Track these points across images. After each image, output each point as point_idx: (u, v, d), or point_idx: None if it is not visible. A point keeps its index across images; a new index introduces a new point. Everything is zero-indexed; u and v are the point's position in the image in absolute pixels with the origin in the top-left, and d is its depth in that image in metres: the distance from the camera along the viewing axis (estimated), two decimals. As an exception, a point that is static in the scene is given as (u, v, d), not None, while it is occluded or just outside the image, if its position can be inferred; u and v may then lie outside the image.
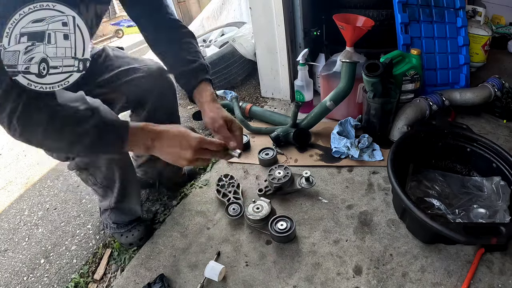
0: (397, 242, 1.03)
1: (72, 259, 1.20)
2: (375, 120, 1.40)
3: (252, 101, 2.05)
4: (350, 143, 1.38)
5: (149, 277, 1.02)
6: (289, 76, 1.84)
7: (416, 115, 1.43)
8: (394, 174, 0.99)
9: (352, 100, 1.53)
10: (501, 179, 1.05)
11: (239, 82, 2.31)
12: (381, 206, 1.16)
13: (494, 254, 0.95)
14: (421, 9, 1.62)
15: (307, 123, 1.49)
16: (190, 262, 1.05)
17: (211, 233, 1.14)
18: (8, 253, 1.28)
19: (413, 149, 1.18)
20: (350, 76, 1.37)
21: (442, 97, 1.50)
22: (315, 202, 1.21)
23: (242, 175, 1.38)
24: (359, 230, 1.09)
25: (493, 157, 1.10)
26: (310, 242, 1.07)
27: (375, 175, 1.30)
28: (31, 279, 1.16)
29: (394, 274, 0.94)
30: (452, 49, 1.68)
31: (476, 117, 1.58)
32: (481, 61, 1.92)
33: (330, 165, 1.37)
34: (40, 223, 1.41)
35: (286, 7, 1.67)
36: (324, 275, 0.97)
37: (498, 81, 1.55)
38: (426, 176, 1.16)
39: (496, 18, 2.56)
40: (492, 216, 0.99)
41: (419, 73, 1.51)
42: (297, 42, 1.82)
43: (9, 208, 1.56)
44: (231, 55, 2.17)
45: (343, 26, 1.41)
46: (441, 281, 0.91)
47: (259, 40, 1.85)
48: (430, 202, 1.06)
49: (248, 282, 0.97)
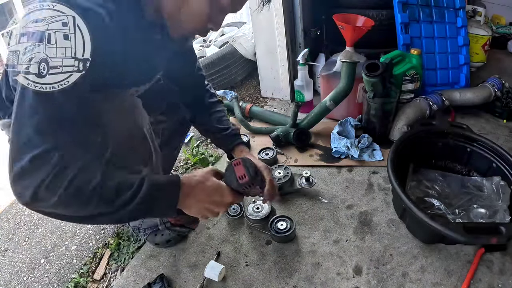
0: (397, 242, 1.03)
1: (72, 259, 1.20)
2: (375, 120, 1.40)
3: (252, 101, 2.05)
4: (350, 143, 1.38)
5: (149, 277, 1.02)
6: (289, 76, 1.84)
7: (416, 115, 1.43)
8: (394, 174, 0.99)
9: (352, 100, 1.53)
10: (501, 179, 1.05)
11: (239, 82, 2.30)
12: (381, 206, 1.16)
13: (494, 254, 0.96)
14: (421, 9, 1.62)
15: (307, 123, 1.49)
16: (190, 262, 1.05)
17: (211, 233, 1.14)
18: (8, 253, 1.28)
19: (413, 149, 1.18)
20: (350, 76, 1.37)
21: (442, 97, 1.50)
22: (315, 202, 1.21)
23: (242, 175, 1.38)
24: (359, 230, 1.09)
25: (493, 157, 1.10)
26: (310, 242, 1.07)
27: (375, 175, 1.30)
28: (31, 279, 1.16)
29: (394, 274, 0.94)
30: (452, 49, 1.68)
31: (476, 117, 1.58)
32: (481, 61, 1.92)
33: (330, 165, 1.37)
34: (40, 223, 1.41)
35: (286, 7, 1.67)
36: (324, 275, 0.97)
37: (498, 81, 1.55)
38: (426, 176, 1.16)
39: (496, 18, 2.56)
40: (492, 216, 0.99)
41: (419, 73, 1.51)
42: (297, 42, 1.82)
43: (9, 208, 1.55)
44: (231, 55, 2.17)
45: (343, 26, 1.41)
46: (441, 281, 0.91)
47: (259, 40, 1.84)
48: (430, 202, 1.06)
49: (248, 282, 0.97)
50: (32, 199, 0.59)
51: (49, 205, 0.60)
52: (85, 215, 0.64)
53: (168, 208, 0.71)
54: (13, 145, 0.60)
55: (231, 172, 0.77)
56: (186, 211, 0.74)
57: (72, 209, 0.62)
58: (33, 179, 0.58)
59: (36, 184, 0.58)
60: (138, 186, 0.65)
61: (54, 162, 0.58)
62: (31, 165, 0.58)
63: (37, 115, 0.58)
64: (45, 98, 0.58)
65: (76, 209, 0.62)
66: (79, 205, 0.62)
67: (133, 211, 0.64)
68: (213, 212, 0.77)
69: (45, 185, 0.58)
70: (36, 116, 0.58)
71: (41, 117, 0.58)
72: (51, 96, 0.58)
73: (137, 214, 0.68)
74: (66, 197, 0.59)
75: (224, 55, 2.13)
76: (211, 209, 0.76)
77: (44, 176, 0.58)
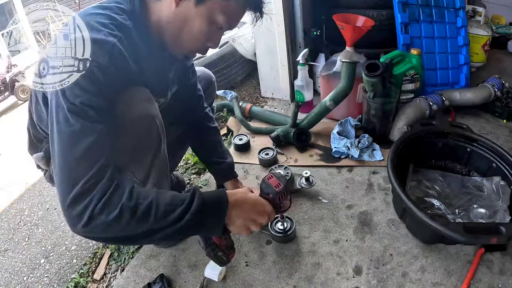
0: (397, 242, 1.03)
1: (72, 259, 1.20)
2: (375, 120, 1.40)
3: (252, 101, 2.05)
4: (350, 143, 1.38)
5: (149, 277, 1.02)
6: (289, 76, 1.84)
7: (416, 115, 1.43)
8: (394, 174, 0.99)
9: (352, 100, 1.53)
10: (501, 179, 1.05)
11: (239, 82, 2.30)
12: (381, 206, 1.16)
13: (494, 254, 0.96)
14: (421, 9, 1.62)
15: (307, 123, 1.49)
16: (190, 262, 1.05)
17: (211, 233, 1.14)
18: (8, 253, 1.28)
19: (413, 149, 1.18)
20: (350, 76, 1.37)
21: (442, 97, 1.50)
22: (315, 202, 1.21)
23: (242, 175, 1.38)
24: (359, 230, 1.09)
25: (493, 157, 1.10)
26: (310, 242, 1.07)
27: (375, 175, 1.30)
28: (31, 279, 1.16)
29: (394, 274, 0.94)
30: (452, 49, 1.68)
31: (476, 117, 1.58)
32: (481, 61, 1.92)
33: (330, 165, 1.37)
34: (40, 223, 1.41)
35: (286, 7, 1.67)
36: (324, 275, 0.97)
37: (498, 81, 1.55)
38: (426, 176, 1.16)
39: (496, 18, 2.56)
40: (492, 216, 0.99)
41: (419, 73, 1.51)
42: (297, 42, 1.82)
43: (9, 208, 1.56)
44: (231, 55, 2.17)
45: (343, 26, 1.41)
46: (441, 281, 0.91)
47: (259, 40, 1.84)
48: (430, 202, 1.06)
49: (248, 282, 0.97)
50: (89, 221, 0.59)
51: (105, 225, 0.60)
52: (138, 234, 0.64)
53: (217, 222, 0.72)
54: (62, 174, 0.62)
55: (267, 185, 0.83)
56: (231, 226, 0.75)
57: (127, 226, 0.62)
58: (89, 201, 0.60)
59: (93, 205, 0.60)
60: (189, 202, 0.67)
61: (107, 183, 0.61)
62: (84, 188, 0.60)
63: (79, 142, 0.61)
64: (80, 116, 0.61)
65: (131, 226, 0.63)
66: (136, 222, 0.62)
67: (183, 227, 0.65)
68: (257, 223, 0.77)
69: (102, 203, 0.60)
70: (79, 143, 0.61)
71: (84, 142, 0.61)
72: (84, 114, 0.61)
73: (187, 230, 0.69)
74: (122, 214, 0.61)
75: (224, 55, 2.14)
76: (255, 219, 0.77)
77: (100, 195, 0.60)
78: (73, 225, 0.60)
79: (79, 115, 0.61)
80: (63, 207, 0.61)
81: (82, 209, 0.59)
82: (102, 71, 0.62)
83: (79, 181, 0.60)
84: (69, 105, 0.61)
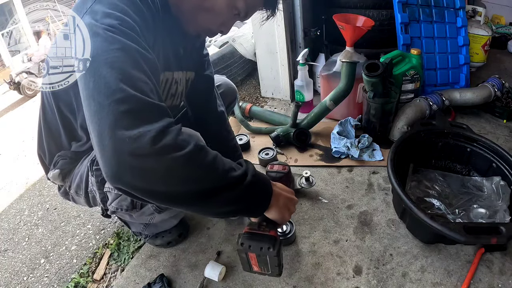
0: (397, 242, 1.03)
1: (72, 259, 1.20)
2: (375, 120, 1.40)
3: (252, 101, 2.05)
4: (350, 143, 1.38)
5: (149, 277, 1.02)
6: (289, 76, 1.84)
7: (416, 115, 1.43)
8: (394, 174, 0.99)
9: (352, 100, 1.53)
10: (501, 179, 1.05)
11: (239, 82, 2.31)
12: (381, 206, 1.16)
13: (494, 254, 0.96)
14: (421, 9, 1.62)
15: (307, 123, 1.49)
16: (190, 262, 1.05)
17: (211, 233, 1.14)
18: (8, 253, 1.28)
19: (413, 149, 1.18)
20: (350, 76, 1.37)
21: (442, 97, 1.50)
22: (315, 202, 1.21)
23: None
24: (359, 230, 1.09)
25: (493, 157, 1.10)
26: (310, 242, 1.07)
27: (375, 175, 1.30)
28: (31, 279, 1.16)
29: (394, 274, 0.94)
30: (452, 49, 1.68)
31: (476, 117, 1.58)
32: (481, 61, 1.92)
33: (330, 165, 1.37)
34: (40, 223, 1.41)
35: (286, 7, 1.67)
36: (324, 275, 0.97)
37: (498, 81, 1.55)
38: (426, 176, 1.16)
39: (496, 18, 2.56)
40: (492, 216, 0.99)
41: (419, 73, 1.51)
42: (297, 42, 1.82)
43: (9, 208, 1.55)
44: (231, 55, 2.17)
45: (343, 26, 1.41)
46: (441, 281, 0.91)
47: (259, 40, 1.84)
48: (430, 202, 1.06)
49: (248, 282, 0.97)
50: (154, 142, 0.51)
51: (174, 160, 0.53)
52: (201, 189, 0.57)
53: (264, 199, 0.69)
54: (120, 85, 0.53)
55: (275, 172, 0.91)
56: (271, 210, 0.72)
57: (196, 170, 0.56)
58: (164, 123, 0.53)
59: (172, 130, 0.53)
60: (246, 168, 0.64)
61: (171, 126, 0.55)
62: (160, 107, 0.55)
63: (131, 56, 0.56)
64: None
65: (199, 173, 0.56)
66: (205, 168, 0.57)
67: (240, 194, 0.62)
68: (290, 209, 0.76)
69: (177, 130, 0.54)
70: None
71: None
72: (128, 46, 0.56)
73: (241, 199, 0.64)
74: (195, 152, 0.55)
75: (224, 55, 2.14)
76: (289, 206, 0.76)
77: (165, 124, 0.54)
78: (139, 147, 0.50)
79: (119, 34, 0.56)
80: (113, 134, 0.50)
81: (146, 129, 0.51)
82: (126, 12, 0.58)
83: (146, 95, 0.54)
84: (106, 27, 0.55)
